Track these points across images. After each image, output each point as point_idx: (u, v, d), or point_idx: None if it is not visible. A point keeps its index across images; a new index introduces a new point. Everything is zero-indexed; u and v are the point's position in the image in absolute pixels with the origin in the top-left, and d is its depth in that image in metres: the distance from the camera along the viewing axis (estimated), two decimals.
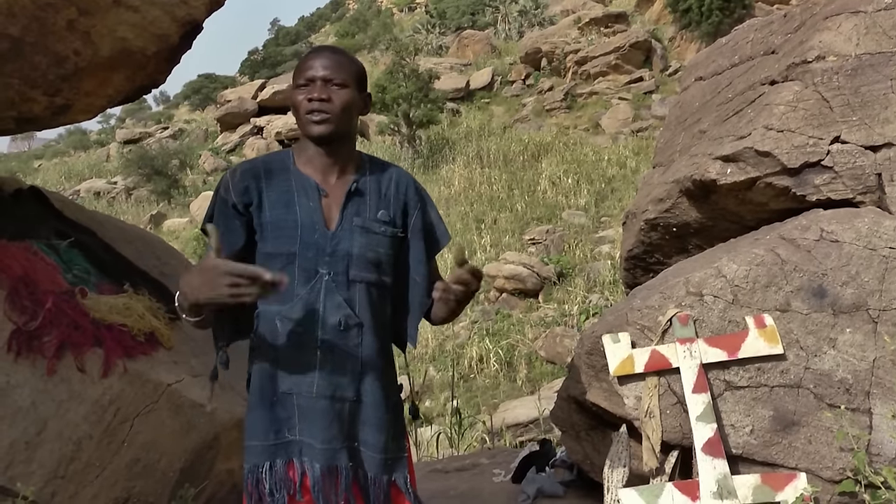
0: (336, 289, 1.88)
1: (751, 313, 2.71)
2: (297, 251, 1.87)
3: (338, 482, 1.86)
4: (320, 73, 1.89)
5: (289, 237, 1.88)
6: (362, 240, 1.92)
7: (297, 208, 1.90)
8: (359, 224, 1.92)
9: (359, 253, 1.90)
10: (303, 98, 1.89)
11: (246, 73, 46.18)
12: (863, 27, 3.14)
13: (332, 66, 1.91)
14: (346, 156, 1.97)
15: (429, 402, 11.06)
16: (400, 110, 21.71)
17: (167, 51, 4.05)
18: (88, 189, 28.07)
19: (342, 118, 1.90)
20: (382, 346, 1.96)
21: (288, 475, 1.85)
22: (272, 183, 1.93)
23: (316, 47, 2.02)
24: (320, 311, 1.87)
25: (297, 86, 1.92)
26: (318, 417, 1.86)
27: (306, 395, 1.86)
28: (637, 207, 4.15)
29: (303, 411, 1.87)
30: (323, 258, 1.88)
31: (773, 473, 2.57)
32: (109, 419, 3.33)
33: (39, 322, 3.27)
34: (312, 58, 1.93)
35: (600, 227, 16.44)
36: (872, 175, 2.91)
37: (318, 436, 1.86)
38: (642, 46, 24.13)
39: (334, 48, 2.00)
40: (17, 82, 3.60)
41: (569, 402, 3.31)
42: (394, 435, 1.95)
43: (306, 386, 1.86)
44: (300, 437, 1.86)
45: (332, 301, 1.88)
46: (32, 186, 4.21)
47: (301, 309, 1.86)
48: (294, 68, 1.99)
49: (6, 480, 3.02)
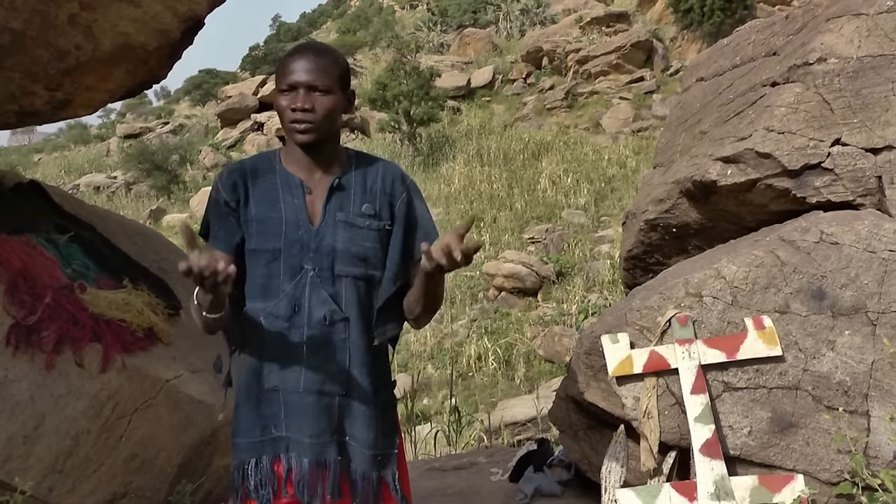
0: (321, 284, 1.88)
1: (750, 315, 2.71)
2: (283, 247, 1.88)
3: (326, 476, 1.86)
4: (303, 78, 1.86)
5: (274, 234, 1.89)
6: (346, 234, 1.91)
7: (282, 205, 1.91)
8: (342, 219, 1.92)
9: (343, 248, 1.90)
10: (286, 105, 1.87)
11: (247, 68, 46.08)
12: (864, 29, 3.14)
13: (316, 70, 1.87)
14: (330, 153, 1.97)
15: (427, 400, 11.06)
16: (400, 108, 21.71)
17: (168, 46, 4.05)
18: (88, 183, 28.03)
19: (325, 125, 1.90)
20: (371, 341, 1.95)
21: (273, 471, 1.86)
22: (258, 181, 1.95)
23: (298, 46, 1.97)
24: (306, 307, 1.87)
25: (280, 90, 1.90)
26: (306, 412, 1.87)
27: (292, 390, 1.87)
28: (637, 208, 4.15)
29: (290, 407, 1.87)
30: (307, 254, 1.89)
31: (770, 475, 2.58)
32: (108, 414, 3.33)
33: (38, 316, 3.27)
34: (294, 60, 1.89)
35: (600, 227, 16.45)
36: (873, 178, 2.91)
37: (307, 430, 1.86)
38: (643, 46, 24.12)
39: (316, 48, 1.95)
40: (19, 76, 3.60)
41: (567, 402, 3.32)
42: (383, 431, 1.95)
43: (293, 382, 1.87)
44: (287, 433, 1.87)
45: (318, 296, 1.88)
46: (32, 180, 4.21)
47: (286, 305, 1.87)
48: (277, 66, 1.95)
49: (4, 475, 3.02)
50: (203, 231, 1.98)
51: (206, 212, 1.98)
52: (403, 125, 22.35)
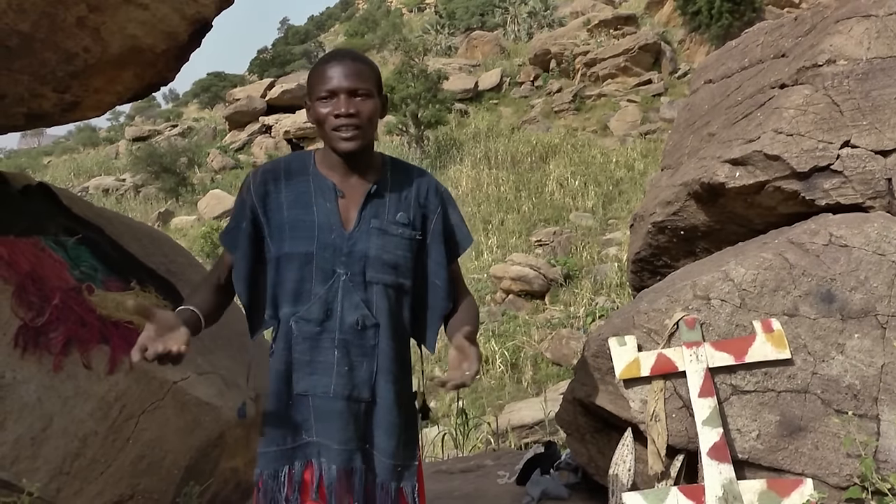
0: (353, 289, 1.87)
1: (758, 317, 2.69)
2: (315, 251, 1.86)
3: (353, 484, 1.85)
4: (344, 84, 1.84)
5: (307, 237, 1.87)
6: (379, 241, 1.90)
7: (315, 209, 1.89)
8: (376, 226, 1.91)
9: (375, 254, 1.89)
10: (328, 112, 1.85)
11: (255, 71, 46.25)
12: (874, 31, 3.12)
13: (355, 75, 1.85)
14: (367, 158, 1.96)
15: (434, 403, 11.05)
16: (408, 110, 21.75)
17: (176, 48, 4.06)
18: (97, 186, 28.17)
19: (370, 130, 1.89)
20: (398, 350, 1.93)
21: (304, 477, 1.86)
22: (291, 183, 1.93)
23: (332, 53, 1.93)
24: (338, 311, 1.86)
25: (318, 98, 1.87)
26: (335, 418, 1.85)
27: (322, 395, 1.85)
28: (645, 210, 4.14)
29: (319, 412, 1.86)
30: (340, 258, 1.87)
31: (779, 479, 2.56)
32: (115, 416, 3.34)
33: (46, 318, 3.28)
34: (332, 66, 1.86)
35: (607, 230, 16.42)
36: (882, 180, 2.89)
37: (335, 437, 1.85)
38: (651, 49, 24.10)
39: (352, 54, 1.93)
40: (27, 78, 3.61)
41: (574, 405, 3.30)
42: (405, 441, 1.93)
43: (323, 387, 1.85)
44: (317, 437, 1.86)
45: (350, 301, 1.87)
46: (41, 182, 4.22)
47: (319, 309, 1.86)
48: (310, 75, 1.92)
49: (11, 476, 3.03)
50: (230, 225, 1.97)
51: (234, 206, 1.98)
52: (411, 128, 22.39)
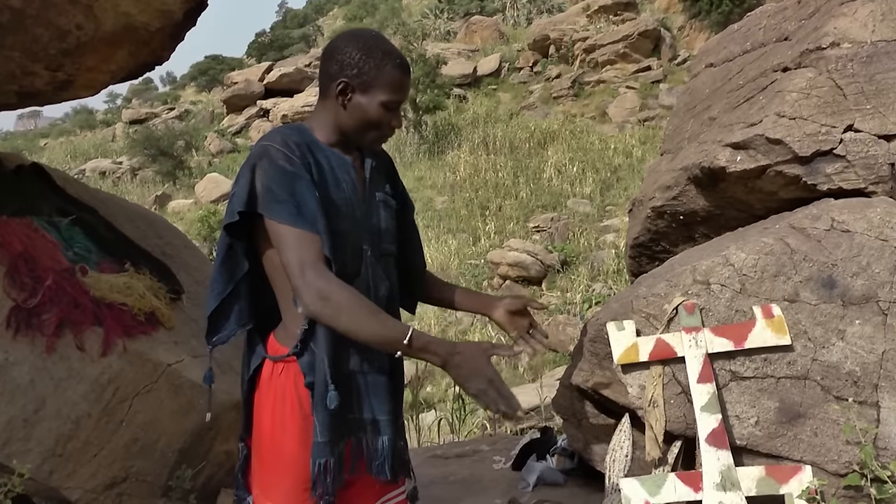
0: (376, 263, 1.93)
1: (758, 303, 2.67)
2: (349, 228, 1.87)
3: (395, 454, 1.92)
4: (405, 97, 1.95)
5: (340, 214, 1.85)
6: (384, 214, 1.98)
7: (343, 185, 1.89)
8: (380, 199, 1.98)
9: (385, 227, 1.97)
10: (387, 122, 1.90)
11: (253, 55, 46.06)
12: (879, 13, 3.08)
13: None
14: None
15: (430, 388, 11.06)
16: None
17: (171, 27, 4.01)
18: (94, 168, 28.08)
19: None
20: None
21: (346, 455, 1.85)
22: (316, 158, 1.86)
23: (401, 56, 1.91)
24: (373, 286, 1.90)
25: (386, 101, 1.86)
26: (380, 391, 1.90)
27: (368, 370, 1.89)
28: (644, 195, 4.10)
29: (368, 387, 1.89)
30: (364, 234, 1.91)
31: (777, 466, 2.54)
32: (108, 398, 3.31)
33: (39, 299, 3.26)
34: (404, 75, 1.91)
35: (605, 216, 16.42)
36: (885, 165, 2.86)
37: (383, 409, 1.90)
38: (651, 35, 24.02)
39: (407, 63, 1.97)
40: (19, 55, 3.56)
41: (571, 390, 3.28)
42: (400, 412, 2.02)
43: (368, 363, 1.88)
44: (365, 414, 1.89)
45: (377, 274, 1.92)
46: (34, 163, 4.17)
47: (362, 285, 1.87)
48: (377, 67, 1.85)
49: (3, 458, 3.01)
50: (292, 211, 1.75)
51: (279, 185, 1.76)
52: (409, 113, 22.32)
